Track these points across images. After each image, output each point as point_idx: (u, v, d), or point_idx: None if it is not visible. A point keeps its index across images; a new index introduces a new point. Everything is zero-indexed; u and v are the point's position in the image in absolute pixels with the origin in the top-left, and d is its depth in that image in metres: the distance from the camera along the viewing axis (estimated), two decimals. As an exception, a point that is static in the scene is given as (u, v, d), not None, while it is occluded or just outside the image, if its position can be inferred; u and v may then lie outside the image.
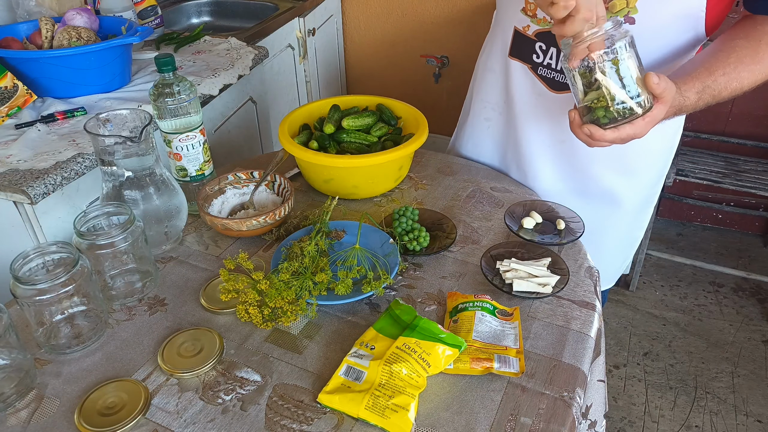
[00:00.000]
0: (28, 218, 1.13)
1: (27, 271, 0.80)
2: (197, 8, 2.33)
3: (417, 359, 0.77)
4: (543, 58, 1.04)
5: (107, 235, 0.86)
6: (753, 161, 2.17)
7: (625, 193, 1.15)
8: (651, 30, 0.93)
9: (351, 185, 1.12)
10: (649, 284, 2.33)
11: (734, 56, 0.90)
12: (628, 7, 0.92)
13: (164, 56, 0.99)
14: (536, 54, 1.05)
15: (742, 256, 2.45)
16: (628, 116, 0.82)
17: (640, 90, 0.82)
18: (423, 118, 1.17)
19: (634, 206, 1.19)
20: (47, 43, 1.42)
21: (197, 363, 0.80)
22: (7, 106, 1.28)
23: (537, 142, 1.14)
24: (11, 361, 0.77)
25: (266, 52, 1.73)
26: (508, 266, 0.94)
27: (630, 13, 0.92)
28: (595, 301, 0.91)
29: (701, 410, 1.84)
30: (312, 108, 1.23)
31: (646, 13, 0.92)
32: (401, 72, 2.85)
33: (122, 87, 1.45)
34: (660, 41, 0.95)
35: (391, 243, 0.98)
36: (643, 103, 0.82)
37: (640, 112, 0.82)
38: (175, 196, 1.01)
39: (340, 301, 0.87)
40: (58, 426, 0.74)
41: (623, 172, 1.12)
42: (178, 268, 0.99)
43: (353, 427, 0.73)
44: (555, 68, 1.04)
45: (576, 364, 0.80)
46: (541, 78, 1.07)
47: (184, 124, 1.03)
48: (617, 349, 2.06)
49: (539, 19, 1.01)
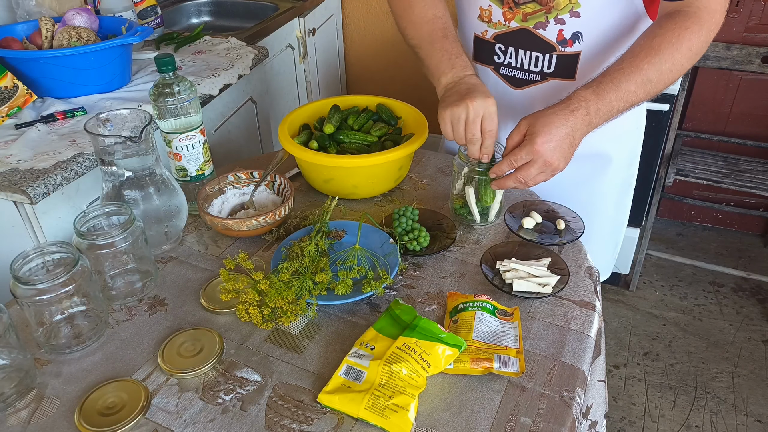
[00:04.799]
0: (28, 218, 1.13)
1: (27, 271, 0.80)
2: (197, 8, 2.33)
3: (417, 359, 0.77)
4: (503, 58, 1.13)
5: (107, 235, 0.86)
6: (753, 161, 2.16)
7: (602, 179, 1.22)
8: (595, 18, 1.01)
9: (351, 185, 1.12)
10: (649, 284, 2.33)
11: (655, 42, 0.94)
12: (570, 3, 1.00)
13: (164, 56, 0.99)
14: (497, 55, 1.13)
15: (742, 256, 2.45)
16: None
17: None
18: (423, 118, 1.17)
19: (614, 191, 1.26)
20: (47, 43, 1.42)
21: (197, 363, 0.80)
22: (7, 106, 1.28)
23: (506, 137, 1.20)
24: (11, 361, 0.77)
25: (266, 52, 1.73)
26: (508, 266, 0.94)
27: (574, 8, 1.00)
28: (595, 301, 0.91)
29: (701, 410, 1.84)
30: (312, 108, 1.23)
31: (588, 5, 0.99)
32: (401, 72, 2.85)
33: (122, 87, 1.44)
34: (603, 26, 1.03)
35: (391, 243, 0.98)
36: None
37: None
38: (175, 196, 1.01)
39: (340, 301, 0.87)
40: (58, 426, 0.74)
41: (597, 161, 1.19)
42: (178, 268, 0.99)
43: (353, 427, 0.73)
44: (515, 66, 1.12)
45: (576, 364, 0.80)
46: (503, 77, 1.15)
47: (184, 124, 1.03)
48: (617, 349, 2.06)
49: (494, 23, 1.09)
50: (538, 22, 1.04)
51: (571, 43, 1.05)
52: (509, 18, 1.06)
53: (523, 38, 1.08)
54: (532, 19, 1.05)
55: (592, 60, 1.06)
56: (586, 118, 0.91)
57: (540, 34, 1.06)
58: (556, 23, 1.03)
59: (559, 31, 1.04)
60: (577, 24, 1.02)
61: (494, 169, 0.96)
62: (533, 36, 1.06)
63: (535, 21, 1.04)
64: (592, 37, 1.03)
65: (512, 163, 0.92)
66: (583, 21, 1.02)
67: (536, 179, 0.92)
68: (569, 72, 1.08)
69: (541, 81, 1.11)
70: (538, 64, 1.09)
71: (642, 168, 1.32)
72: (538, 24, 1.05)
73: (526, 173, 0.92)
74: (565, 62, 1.07)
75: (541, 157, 0.90)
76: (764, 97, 2.21)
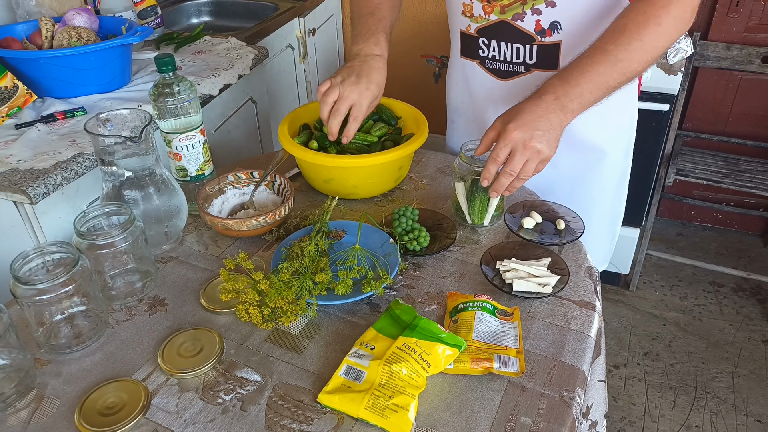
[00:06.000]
0: (28, 218, 1.13)
1: (27, 271, 0.80)
2: (197, 8, 2.33)
3: (417, 359, 0.77)
4: (487, 52, 1.15)
5: (107, 235, 0.86)
6: (753, 161, 2.16)
7: (599, 174, 1.22)
8: (571, 6, 1.03)
9: (351, 185, 1.12)
10: (649, 284, 2.33)
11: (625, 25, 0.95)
12: None
13: (164, 56, 0.99)
14: (481, 49, 1.16)
15: (742, 256, 2.45)
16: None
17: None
18: (423, 118, 1.17)
19: (611, 184, 1.26)
20: (47, 43, 1.42)
21: (197, 363, 0.80)
22: (7, 106, 1.28)
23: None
24: (11, 361, 0.77)
25: (266, 52, 1.73)
26: (508, 266, 0.94)
27: None
28: (595, 301, 0.91)
29: (701, 410, 1.84)
30: (312, 108, 1.23)
31: None
32: (401, 72, 2.85)
33: (122, 87, 1.44)
34: (581, 15, 1.04)
35: (391, 243, 0.98)
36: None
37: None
38: (175, 196, 1.01)
39: (340, 301, 0.87)
40: (58, 426, 0.74)
41: (592, 156, 1.20)
42: (178, 268, 0.99)
43: (353, 427, 0.73)
44: (498, 59, 1.14)
45: (576, 364, 0.80)
46: (489, 70, 1.17)
47: (184, 124, 1.03)
48: (617, 349, 2.06)
49: (476, 17, 1.11)
50: (516, 14, 1.06)
51: (550, 32, 1.06)
52: (488, 11, 1.09)
53: (503, 30, 1.10)
54: (509, 11, 1.07)
55: (574, 49, 1.06)
56: (556, 102, 0.91)
57: (518, 26, 1.07)
58: (533, 14, 1.05)
59: (536, 21, 1.05)
60: (554, 13, 1.04)
61: (483, 174, 0.95)
62: (512, 28, 1.08)
63: (513, 12, 1.07)
64: (571, 26, 1.05)
65: (495, 159, 0.92)
66: (559, 10, 1.03)
67: (527, 168, 0.92)
68: (552, 62, 1.09)
69: (525, 72, 1.12)
70: (520, 56, 1.11)
71: (642, 168, 1.33)
72: (515, 15, 1.07)
73: (512, 164, 0.91)
74: (547, 52, 1.08)
75: (518, 142, 0.90)
76: (764, 97, 2.21)
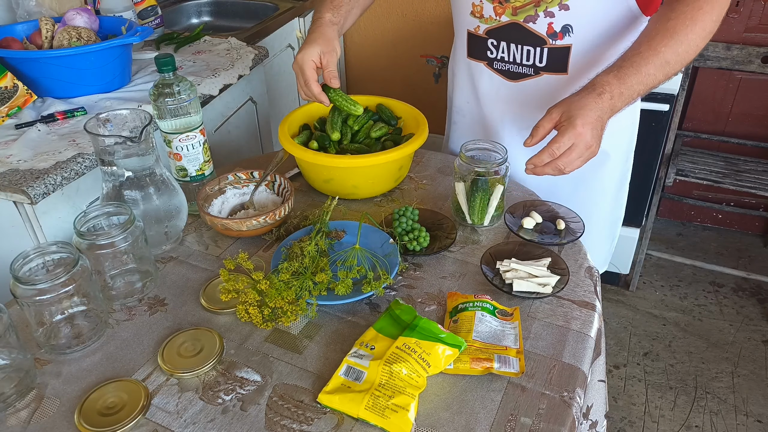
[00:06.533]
0: (28, 218, 1.13)
1: (27, 271, 0.80)
2: (197, 8, 2.33)
3: (417, 359, 0.77)
4: (496, 53, 1.14)
5: (107, 235, 0.86)
6: (753, 161, 2.16)
7: (601, 175, 1.22)
8: (585, 10, 1.01)
9: (351, 185, 1.12)
10: (649, 284, 2.33)
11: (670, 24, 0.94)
12: None
13: (164, 56, 0.99)
14: (489, 50, 1.15)
15: (742, 256, 2.45)
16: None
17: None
18: (423, 118, 1.17)
19: (612, 186, 1.26)
20: (47, 43, 1.42)
21: (197, 363, 0.80)
22: (7, 106, 1.28)
23: (505, 131, 1.22)
24: (11, 361, 0.77)
25: (266, 52, 1.73)
26: (508, 266, 0.94)
27: (563, 0, 1.01)
28: (595, 301, 0.91)
29: (701, 410, 1.84)
30: (312, 108, 1.23)
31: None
32: (401, 72, 2.85)
33: (122, 87, 1.44)
34: (594, 19, 1.04)
35: (391, 243, 0.98)
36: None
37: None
38: (175, 196, 1.01)
39: (340, 301, 0.87)
40: (58, 426, 0.74)
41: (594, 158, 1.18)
42: (178, 268, 0.99)
43: (353, 427, 0.73)
44: (508, 61, 1.14)
45: (576, 364, 0.80)
46: (498, 71, 1.16)
47: (184, 124, 1.03)
48: (617, 349, 2.06)
49: (486, 18, 1.11)
50: (528, 16, 1.06)
51: (562, 36, 1.06)
52: (500, 12, 1.08)
53: (514, 32, 1.09)
54: (521, 13, 1.06)
55: (584, 54, 1.06)
56: (610, 102, 0.90)
57: (530, 28, 1.07)
58: (545, 16, 1.04)
59: (549, 24, 1.05)
60: (566, 17, 1.03)
61: (533, 160, 0.91)
62: (524, 30, 1.08)
63: (525, 14, 1.06)
64: (583, 30, 1.04)
65: (554, 152, 0.89)
66: (572, 13, 1.03)
67: (574, 164, 0.90)
68: (561, 66, 1.09)
69: (534, 75, 1.12)
70: (530, 58, 1.10)
71: (642, 168, 1.33)
72: (528, 17, 1.06)
73: (567, 159, 0.89)
74: (557, 55, 1.08)
75: (583, 140, 0.88)
76: (764, 97, 2.21)
